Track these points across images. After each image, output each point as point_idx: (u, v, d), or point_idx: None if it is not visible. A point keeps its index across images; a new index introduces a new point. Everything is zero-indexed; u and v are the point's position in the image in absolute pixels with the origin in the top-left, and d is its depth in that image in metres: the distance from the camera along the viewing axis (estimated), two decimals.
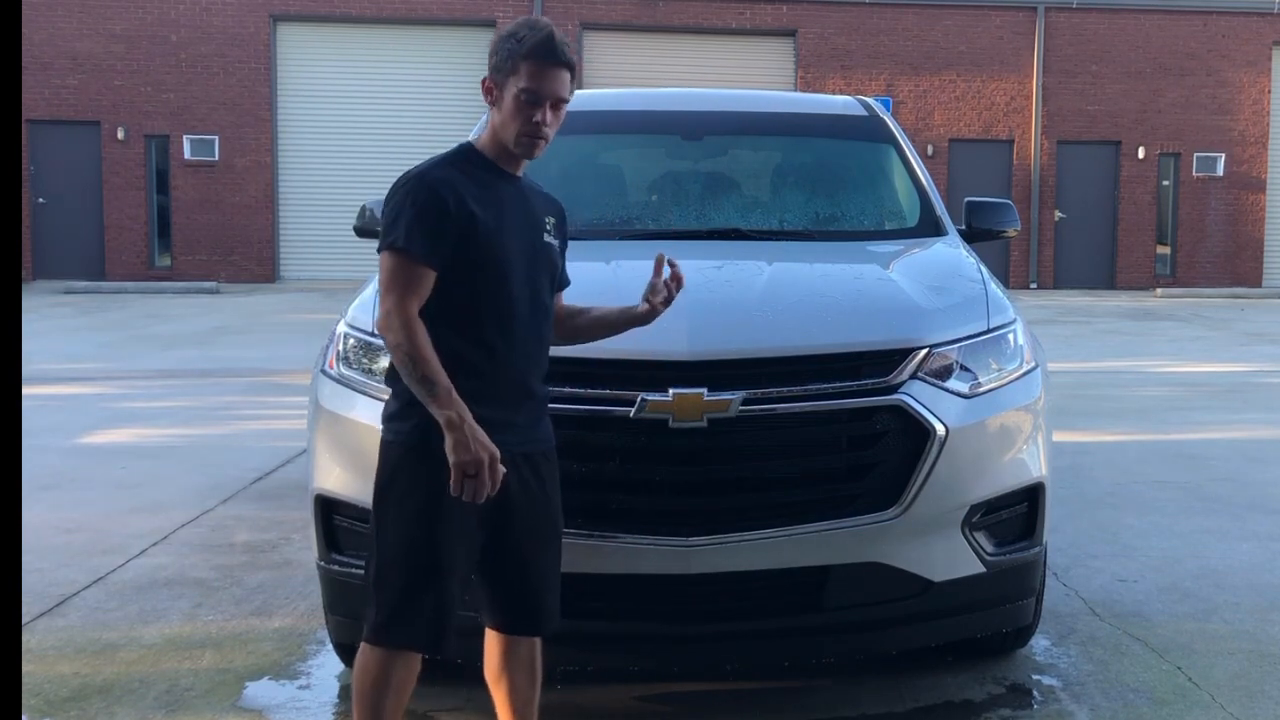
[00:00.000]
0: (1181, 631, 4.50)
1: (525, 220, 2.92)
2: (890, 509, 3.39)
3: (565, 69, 2.86)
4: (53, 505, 6.13)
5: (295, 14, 21.27)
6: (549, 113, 2.84)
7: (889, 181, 5.22)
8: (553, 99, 2.84)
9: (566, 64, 2.86)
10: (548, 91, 2.82)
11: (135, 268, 20.98)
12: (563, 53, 2.84)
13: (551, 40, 2.83)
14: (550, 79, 2.83)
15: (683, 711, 3.90)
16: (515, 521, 2.88)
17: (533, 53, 2.81)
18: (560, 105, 2.88)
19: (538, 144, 2.86)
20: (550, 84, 2.83)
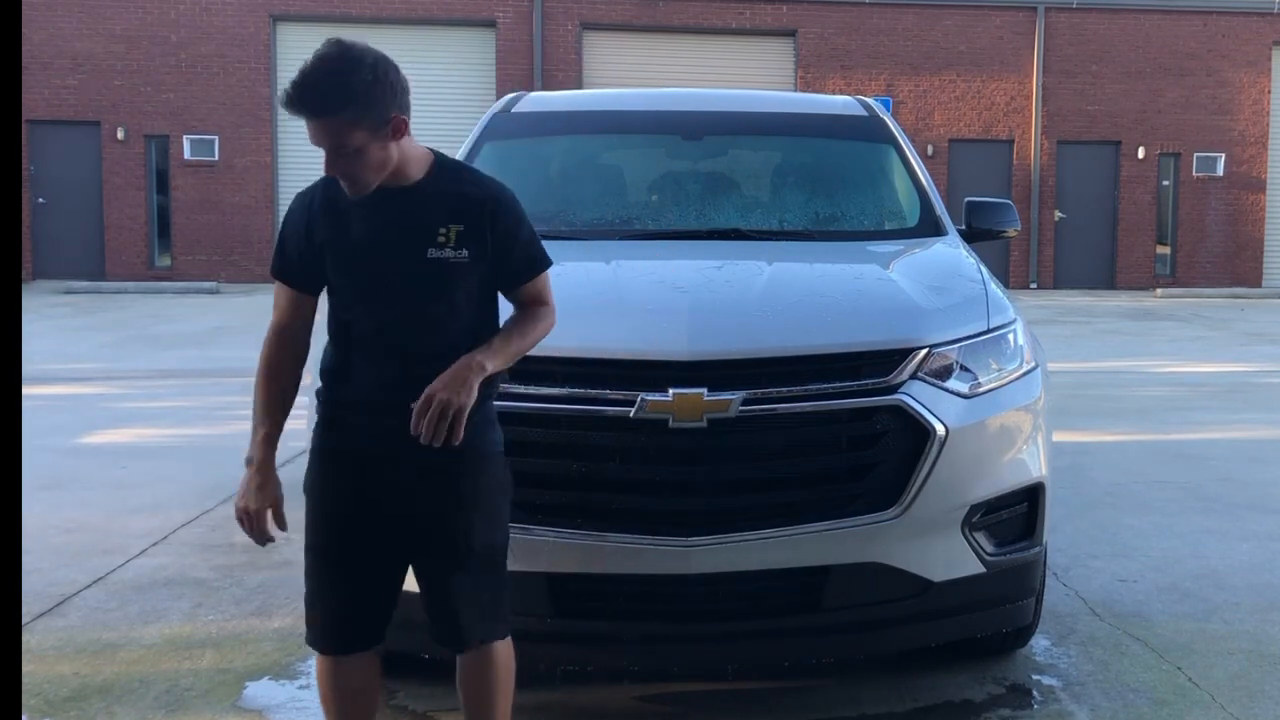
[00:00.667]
0: (1181, 631, 4.50)
1: (396, 236, 2.70)
2: (890, 509, 3.39)
3: (322, 117, 2.52)
4: (53, 505, 6.13)
5: (295, 14, 21.27)
6: (338, 161, 2.58)
7: (889, 181, 5.22)
8: (326, 148, 2.57)
9: (320, 110, 2.52)
10: (318, 141, 2.57)
11: (135, 268, 20.98)
12: (318, 98, 2.51)
13: (304, 84, 2.51)
14: (314, 129, 2.55)
15: (683, 711, 3.90)
16: (421, 533, 2.82)
17: (284, 103, 2.54)
18: (342, 150, 2.56)
19: (353, 185, 2.64)
20: (315, 134, 2.56)
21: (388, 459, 2.75)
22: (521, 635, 3.45)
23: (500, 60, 21.28)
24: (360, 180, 2.63)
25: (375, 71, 2.56)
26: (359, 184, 2.64)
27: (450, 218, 2.73)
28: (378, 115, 2.57)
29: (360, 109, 2.54)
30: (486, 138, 5.22)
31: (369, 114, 2.55)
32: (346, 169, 2.60)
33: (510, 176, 5.19)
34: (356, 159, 2.58)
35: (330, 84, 2.51)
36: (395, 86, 2.62)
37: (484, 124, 5.33)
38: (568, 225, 4.81)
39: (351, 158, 2.58)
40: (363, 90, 2.53)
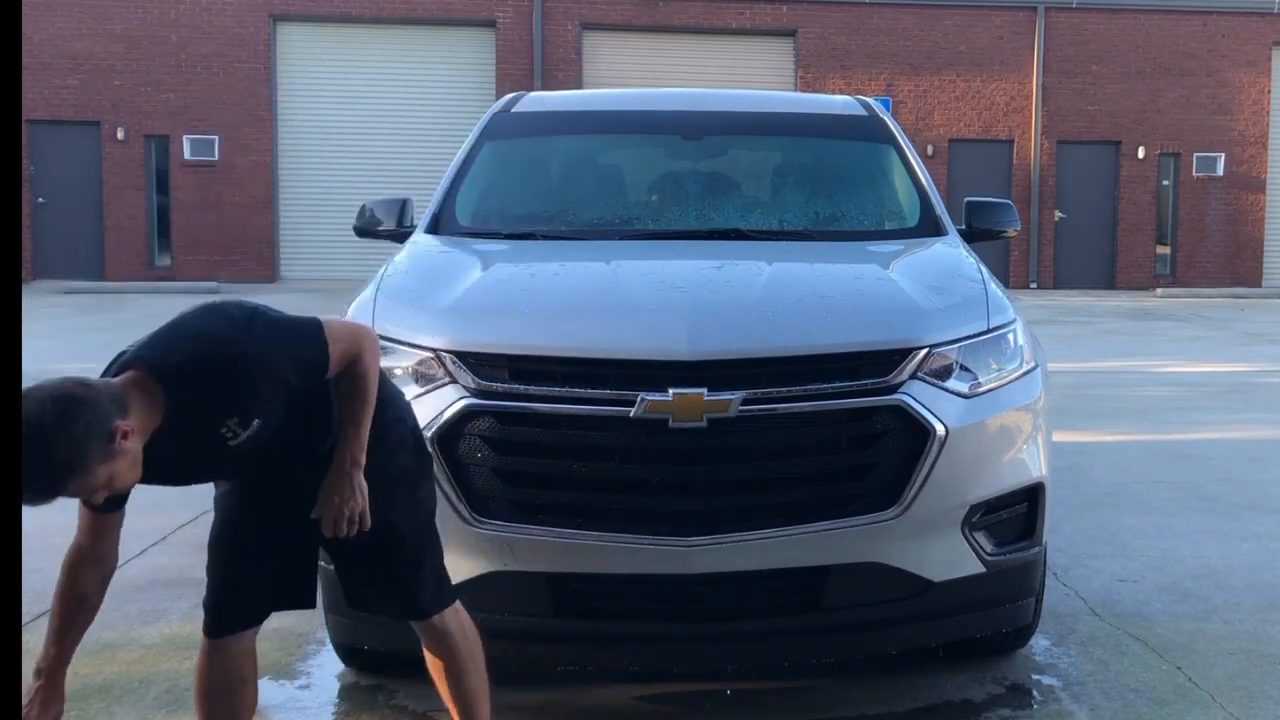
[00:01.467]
0: (1181, 631, 4.50)
1: (194, 453, 2.58)
2: (890, 509, 3.39)
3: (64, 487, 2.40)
4: (53, 505, 6.11)
5: (295, 14, 21.26)
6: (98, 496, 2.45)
7: (889, 181, 5.22)
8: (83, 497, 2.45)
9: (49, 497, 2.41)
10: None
11: (135, 268, 20.97)
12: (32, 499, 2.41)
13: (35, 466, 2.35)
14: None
15: (683, 711, 3.90)
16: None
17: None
18: (94, 493, 2.42)
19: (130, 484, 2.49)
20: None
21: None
22: (521, 635, 3.46)
23: (500, 60, 21.27)
24: (132, 480, 2.47)
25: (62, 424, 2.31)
26: (132, 482, 2.48)
27: (219, 418, 2.52)
28: (96, 453, 2.34)
29: (79, 467, 2.35)
30: (486, 138, 5.23)
31: (89, 461, 2.35)
32: (117, 488, 2.45)
33: (510, 176, 5.25)
34: (114, 482, 2.41)
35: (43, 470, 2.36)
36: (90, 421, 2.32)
37: (484, 124, 5.33)
38: (568, 225, 4.81)
39: (111, 484, 2.41)
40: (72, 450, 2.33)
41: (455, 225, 4.76)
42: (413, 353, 3.49)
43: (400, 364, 3.51)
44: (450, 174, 5.01)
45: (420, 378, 3.45)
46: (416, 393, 3.42)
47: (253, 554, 2.87)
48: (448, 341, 3.46)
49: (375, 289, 3.89)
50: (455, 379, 3.39)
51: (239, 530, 2.88)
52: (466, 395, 3.35)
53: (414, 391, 3.42)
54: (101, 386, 2.38)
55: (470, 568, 3.37)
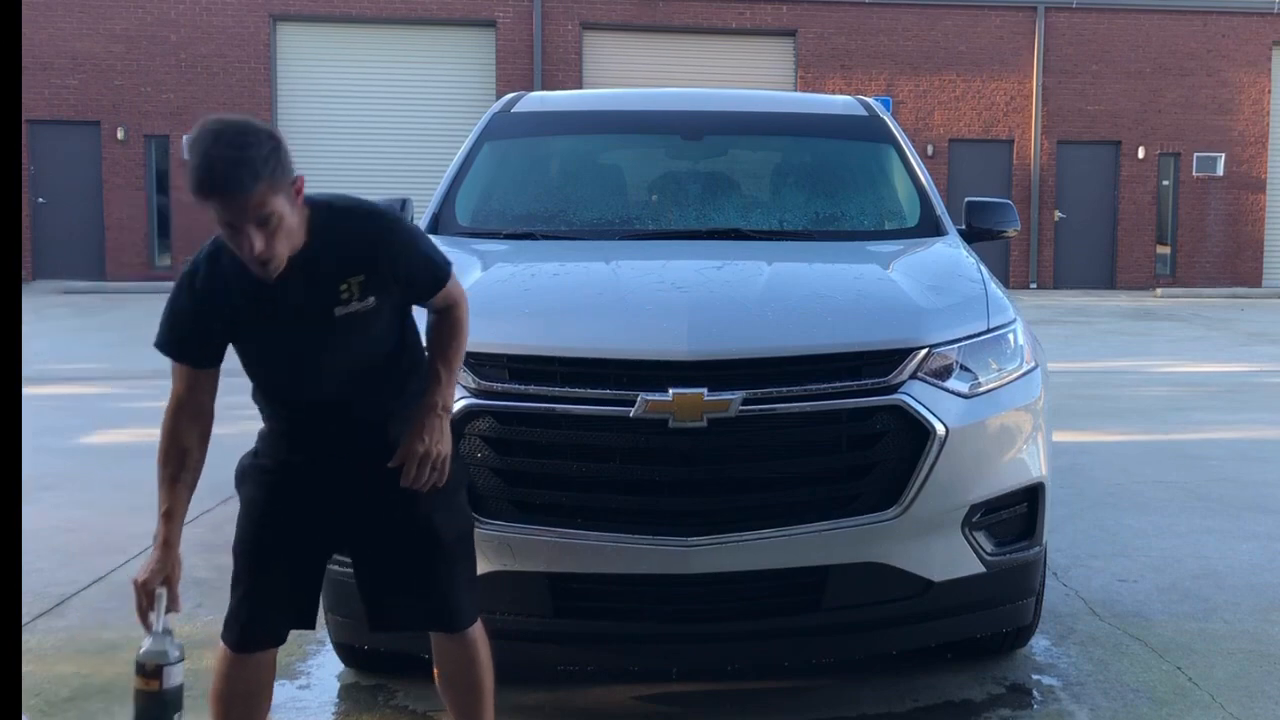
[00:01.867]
0: (1181, 631, 4.50)
1: (300, 304, 2.66)
2: (890, 509, 3.39)
3: (241, 192, 2.41)
4: (53, 505, 6.13)
5: (295, 14, 21.26)
6: (258, 235, 2.48)
7: (889, 181, 5.22)
8: (251, 222, 2.46)
9: (239, 186, 2.41)
10: (238, 219, 2.45)
11: (135, 268, 20.98)
12: (231, 176, 2.40)
13: (213, 168, 2.40)
14: (233, 206, 2.43)
15: (683, 711, 3.90)
16: (377, 532, 2.88)
17: (196, 190, 2.44)
18: (268, 221, 2.47)
19: (269, 267, 2.54)
20: (235, 211, 2.44)
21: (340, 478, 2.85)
22: (521, 635, 3.46)
23: (500, 60, 21.28)
24: (278, 256, 2.54)
25: (273, 138, 2.50)
26: (275, 261, 2.54)
27: (346, 270, 2.67)
28: (286, 178, 2.51)
29: (273, 177, 2.46)
30: (486, 138, 5.22)
31: (281, 177, 2.49)
32: (267, 246, 2.50)
33: (510, 176, 5.24)
34: (277, 231, 2.50)
35: (243, 157, 2.41)
36: (286, 150, 2.54)
37: (484, 124, 5.33)
38: (568, 225, 4.81)
39: (273, 231, 2.49)
40: (271, 160, 2.46)
41: (455, 225, 4.76)
42: None
43: None
44: (450, 174, 5.01)
45: None
46: None
47: (282, 570, 2.87)
48: None
49: None
50: None
51: (269, 544, 2.87)
52: (466, 395, 3.35)
53: None
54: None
55: None
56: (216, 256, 2.70)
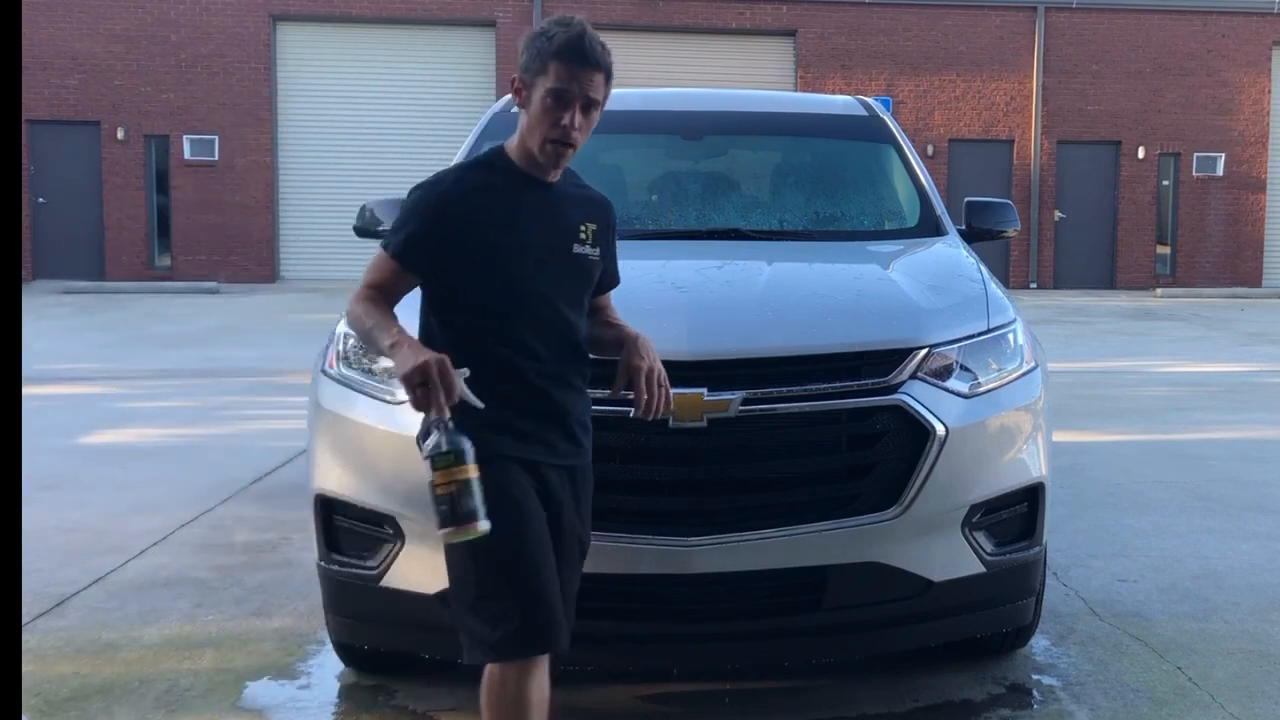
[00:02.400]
0: (1181, 631, 4.50)
1: (550, 231, 2.79)
2: (890, 509, 3.38)
3: (597, 70, 2.70)
4: (53, 505, 6.13)
5: (295, 14, 21.27)
6: (578, 115, 2.69)
7: (889, 181, 5.22)
8: (582, 100, 2.69)
9: (598, 65, 2.69)
10: (577, 92, 2.67)
11: (135, 268, 20.98)
12: (594, 52, 2.69)
13: (582, 38, 2.68)
14: (579, 79, 2.67)
15: (683, 711, 3.90)
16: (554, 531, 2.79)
17: (561, 51, 2.66)
18: (592, 109, 2.72)
19: (565, 151, 2.72)
20: (579, 84, 2.68)
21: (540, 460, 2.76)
22: None
23: (500, 60, 21.27)
24: (573, 147, 2.73)
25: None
26: (570, 152, 2.73)
27: (585, 216, 2.86)
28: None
29: (610, 76, 2.74)
30: (486, 138, 5.21)
31: (609, 83, 2.75)
32: (579, 133, 2.70)
33: None
34: (588, 124, 2.73)
35: (602, 43, 2.72)
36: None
37: (484, 124, 5.33)
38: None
39: (588, 122, 2.72)
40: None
41: None
42: None
43: None
44: None
45: None
46: None
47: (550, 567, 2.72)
48: None
49: None
50: None
51: (532, 542, 2.69)
52: None
53: None
54: None
55: None
56: (465, 176, 2.82)
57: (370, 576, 3.49)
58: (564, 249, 2.80)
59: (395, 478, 3.42)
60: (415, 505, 3.38)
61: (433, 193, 2.79)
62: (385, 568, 3.47)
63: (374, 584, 3.49)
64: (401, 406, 3.42)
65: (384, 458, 3.45)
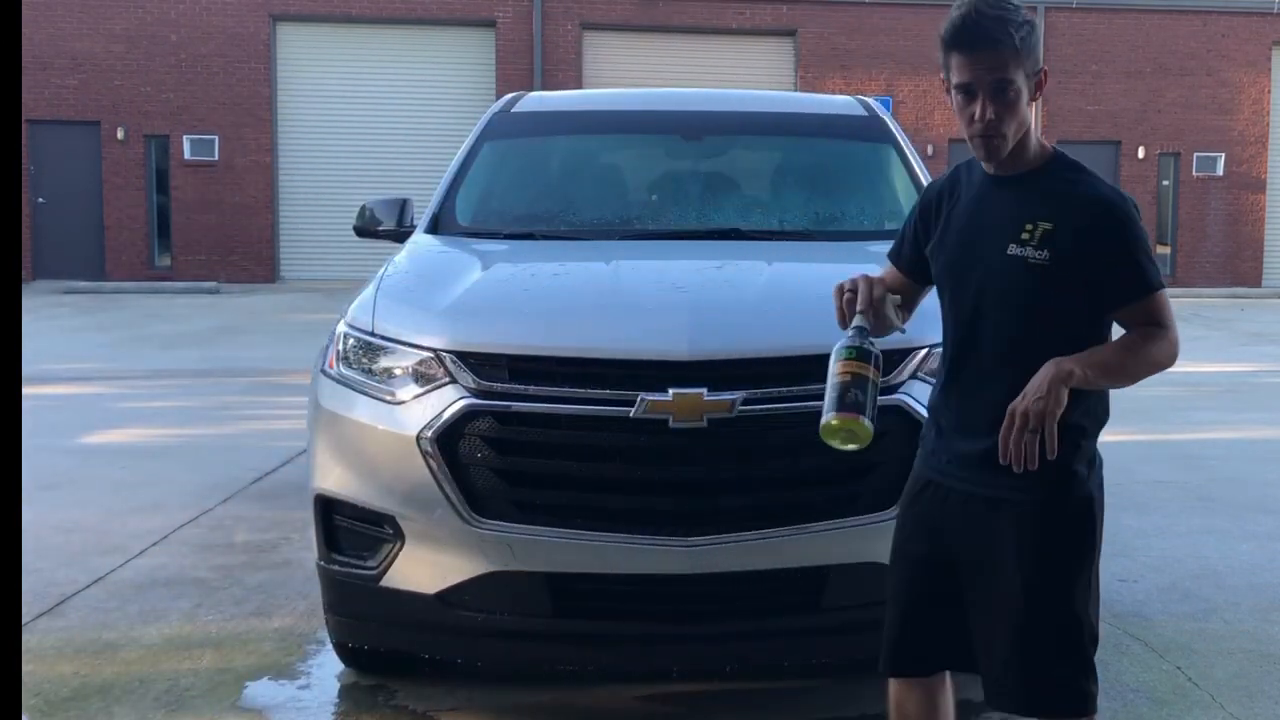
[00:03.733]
0: (1181, 631, 4.50)
1: (987, 230, 2.52)
2: (890, 509, 3.37)
3: (995, 48, 2.39)
4: (53, 505, 6.13)
5: (295, 14, 21.27)
6: (988, 105, 2.41)
7: (889, 181, 5.22)
8: (989, 87, 2.41)
9: (994, 43, 2.39)
10: (980, 79, 2.41)
11: (135, 268, 20.98)
12: (986, 30, 2.39)
13: (966, 20, 2.40)
14: (979, 65, 2.40)
15: (683, 711, 3.90)
16: (957, 568, 2.59)
17: (951, 40, 2.43)
18: (1005, 89, 2.40)
19: (991, 143, 2.44)
20: (980, 70, 2.40)
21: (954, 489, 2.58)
22: (521, 635, 3.46)
23: (500, 60, 21.28)
24: (999, 136, 2.44)
25: (1029, 17, 2.45)
26: (997, 141, 2.45)
27: (1043, 214, 2.47)
28: (1033, 60, 2.45)
29: (1023, 47, 2.41)
30: (486, 138, 5.22)
31: (1028, 55, 2.43)
32: (995, 120, 2.42)
33: (510, 176, 5.24)
34: (1007, 108, 2.42)
35: (998, 15, 2.39)
36: (1039, 37, 2.60)
37: (484, 124, 5.33)
38: (568, 225, 4.81)
39: (1005, 104, 2.42)
40: (1025, 29, 2.42)
41: (455, 225, 4.76)
42: (413, 353, 3.50)
43: (400, 364, 3.51)
44: (450, 174, 5.01)
45: (420, 378, 3.45)
46: (416, 392, 3.42)
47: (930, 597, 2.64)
48: (448, 341, 3.46)
49: (375, 289, 3.89)
50: (455, 379, 3.39)
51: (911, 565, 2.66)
52: (466, 395, 3.35)
53: (414, 391, 3.43)
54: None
55: (470, 568, 3.37)
56: (949, 174, 2.69)
57: (370, 576, 3.49)
58: (998, 249, 2.48)
59: (395, 478, 3.42)
60: (415, 505, 3.39)
61: (927, 190, 2.76)
62: (385, 568, 3.47)
63: (374, 584, 3.49)
64: (401, 406, 3.44)
65: (384, 458, 3.45)
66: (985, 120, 2.42)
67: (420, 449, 3.34)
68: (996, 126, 2.43)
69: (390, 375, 3.52)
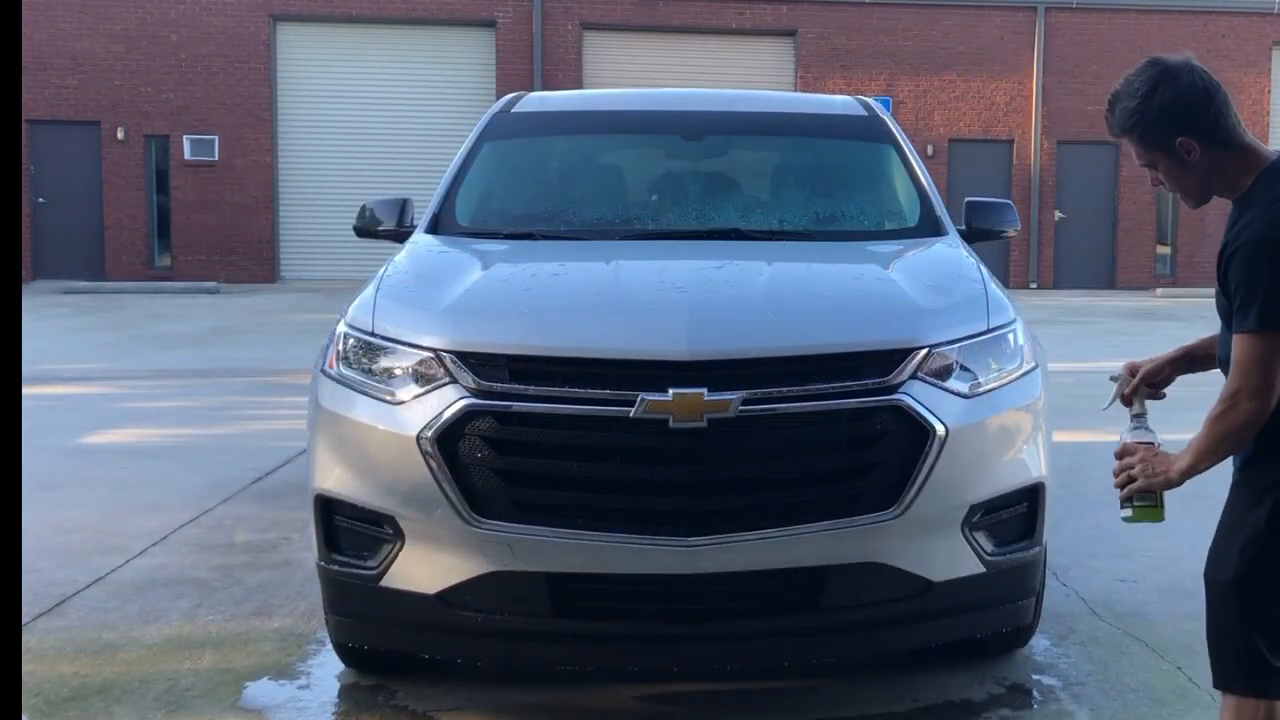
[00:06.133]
0: (1181, 631, 4.50)
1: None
2: (890, 509, 3.38)
3: (1124, 137, 2.64)
4: (53, 505, 6.13)
5: (295, 14, 21.26)
6: (1154, 176, 2.66)
7: (889, 181, 5.22)
8: (1146, 164, 2.64)
9: (1121, 133, 2.63)
10: (1141, 160, 2.66)
11: (135, 268, 20.97)
12: (1112, 125, 2.64)
13: (1107, 114, 2.65)
14: (1133, 151, 2.66)
15: (683, 711, 3.90)
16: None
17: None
18: (1155, 166, 2.62)
19: (1185, 200, 2.70)
20: (1134, 154, 2.66)
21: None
22: (521, 635, 3.46)
23: (500, 60, 21.27)
24: (1181, 193, 2.68)
25: (1152, 92, 2.55)
26: (1184, 196, 2.69)
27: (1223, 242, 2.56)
28: (1163, 136, 2.56)
29: (1141, 130, 2.59)
30: (486, 138, 5.23)
31: (1152, 135, 2.58)
32: (1166, 184, 2.65)
33: (510, 176, 5.25)
34: (1171, 172, 2.61)
35: (1114, 107, 2.61)
36: (1165, 108, 2.54)
37: (484, 124, 5.33)
38: (568, 225, 4.82)
39: (1170, 171, 2.60)
40: (1139, 111, 2.57)
41: (455, 225, 4.76)
42: (413, 353, 3.50)
43: (400, 364, 3.51)
44: (450, 174, 5.02)
45: (420, 378, 3.45)
46: (416, 392, 3.42)
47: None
48: (448, 341, 3.46)
49: (375, 289, 3.89)
50: (455, 379, 3.39)
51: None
52: (466, 395, 3.35)
53: (414, 391, 3.43)
54: (1232, 117, 2.56)
55: (470, 568, 3.38)
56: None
57: (370, 576, 3.49)
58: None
59: (395, 478, 3.42)
60: (415, 505, 3.40)
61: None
62: (385, 568, 3.47)
63: (374, 584, 3.49)
64: (401, 406, 3.44)
65: (384, 458, 3.46)
66: (1159, 185, 2.67)
67: (420, 449, 3.34)
68: (1170, 187, 2.66)
69: (390, 375, 3.52)
